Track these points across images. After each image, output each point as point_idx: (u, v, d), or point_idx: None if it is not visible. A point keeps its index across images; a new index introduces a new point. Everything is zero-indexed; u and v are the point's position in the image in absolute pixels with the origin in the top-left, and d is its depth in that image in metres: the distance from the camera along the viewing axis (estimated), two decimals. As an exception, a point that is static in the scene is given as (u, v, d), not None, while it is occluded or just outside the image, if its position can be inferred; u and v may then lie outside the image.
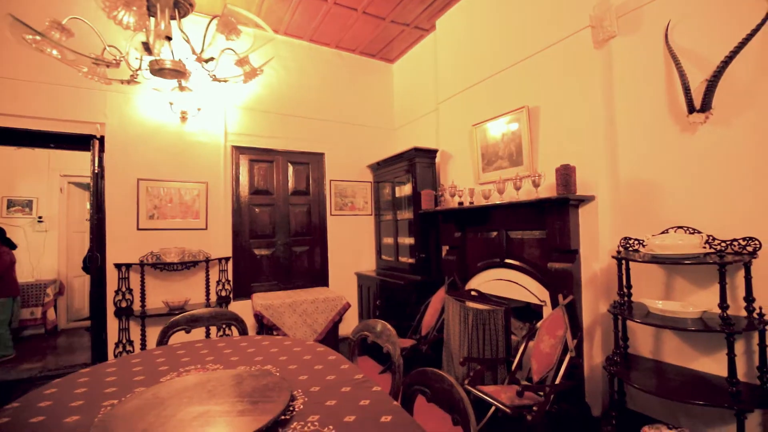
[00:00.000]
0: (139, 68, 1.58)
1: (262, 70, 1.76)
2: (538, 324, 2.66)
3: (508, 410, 2.14)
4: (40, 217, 5.62)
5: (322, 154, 4.86)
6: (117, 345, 3.62)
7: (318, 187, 4.84)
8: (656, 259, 2.10)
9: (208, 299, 3.98)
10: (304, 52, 4.79)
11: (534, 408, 2.14)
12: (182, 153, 3.95)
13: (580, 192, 2.70)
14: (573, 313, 2.58)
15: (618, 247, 2.50)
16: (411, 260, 4.25)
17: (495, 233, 3.40)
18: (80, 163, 5.59)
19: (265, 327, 3.73)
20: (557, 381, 2.29)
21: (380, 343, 1.77)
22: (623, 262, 2.34)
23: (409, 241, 4.33)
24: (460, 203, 3.63)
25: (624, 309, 2.26)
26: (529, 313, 3.33)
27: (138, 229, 3.72)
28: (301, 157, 4.74)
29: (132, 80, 1.66)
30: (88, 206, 6.40)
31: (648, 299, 2.28)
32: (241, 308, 4.11)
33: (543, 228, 2.92)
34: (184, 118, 3.91)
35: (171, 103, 3.78)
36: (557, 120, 2.96)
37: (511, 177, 3.19)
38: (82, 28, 1.88)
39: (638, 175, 2.55)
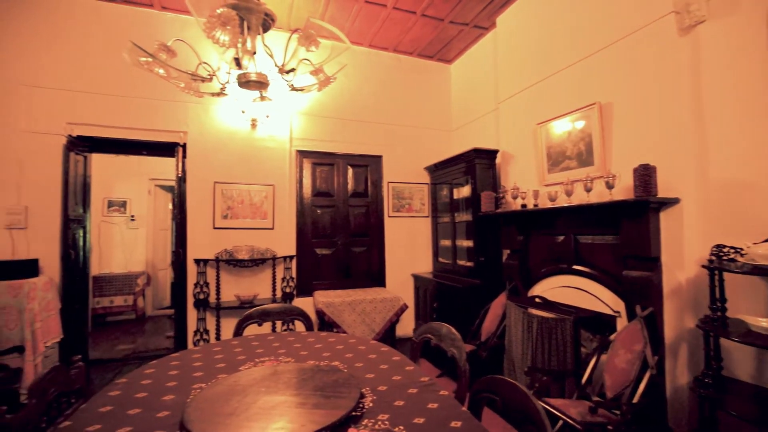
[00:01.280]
0: (227, 81, 1.74)
1: (335, 78, 1.84)
2: (612, 336, 2.48)
3: (578, 426, 2.02)
4: (132, 216, 6.34)
5: (380, 157, 4.95)
6: (195, 333, 3.97)
7: (376, 189, 4.93)
8: (760, 271, 1.85)
9: (274, 295, 4.22)
10: (364, 58, 4.90)
11: (609, 427, 2.00)
12: (252, 157, 4.24)
13: (661, 194, 2.47)
14: (653, 326, 2.37)
15: (709, 255, 2.25)
16: (469, 263, 4.17)
17: (562, 237, 3.23)
18: (163, 167, 6.22)
19: (326, 323, 3.88)
20: (635, 400, 2.11)
21: (444, 346, 1.76)
22: (716, 272, 2.10)
23: (467, 243, 4.25)
24: (524, 205, 3.49)
25: (717, 325, 2.03)
26: (600, 324, 3.10)
27: (214, 228, 4.07)
28: (360, 160, 4.86)
29: (221, 93, 1.83)
30: (170, 206, 7.11)
31: (748, 316, 2.03)
32: (303, 305, 4.27)
33: (617, 233, 2.72)
34: (254, 125, 4.20)
35: (243, 112, 4.07)
36: (634, 116, 2.74)
37: (580, 178, 3.01)
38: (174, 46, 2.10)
39: (734, 175, 2.27)
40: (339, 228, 4.71)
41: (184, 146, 4.04)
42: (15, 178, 3.49)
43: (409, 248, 4.98)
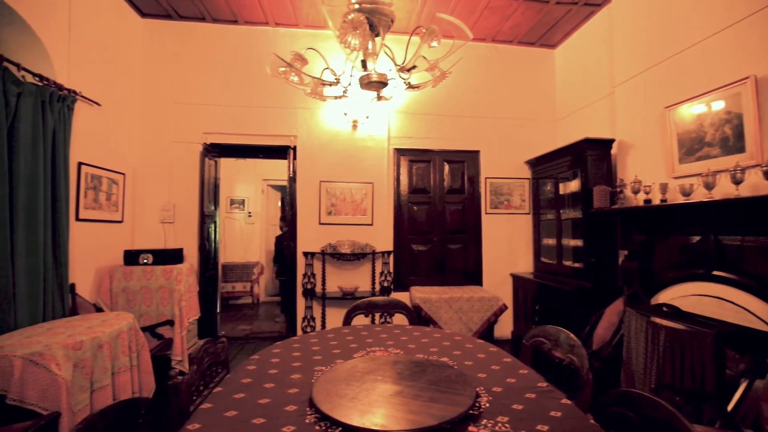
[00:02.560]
0: (350, 84, 1.88)
1: (450, 73, 1.86)
2: (772, 358, 2.06)
3: (726, 459, 1.73)
4: (249, 213, 7.20)
5: (477, 152, 4.82)
6: (303, 320, 4.36)
7: (473, 185, 4.81)
8: None
9: (373, 288, 4.41)
10: (460, 51, 4.79)
11: (770, 465, 1.67)
12: (353, 157, 4.48)
13: None
14: (835, 350, 1.90)
15: None
16: (577, 264, 3.83)
17: (697, 238, 2.77)
18: (273, 168, 6.92)
19: (422, 318, 3.92)
20: (808, 438, 1.73)
21: (559, 353, 1.65)
22: None
23: (575, 242, 3.91)
24: (647, 201, 3.08)
25: None
26: (752, 342, 2.60)
27: (319, 223, 4.41)
28: (457, 156, 4.80)
29: (343, 95, 1.98)
30: (279, 204, 7.88)
31: None
32: (400, 299, 4.43)
33: (780, 233, 2.24)
34: (354, 126, 4.43)
35: (345, 114, 4.32)
36: (807, 90, 2.22)
37: (726, 167, 2.54)
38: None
39: None
40: (435, 224, 4.72)
41: (294, 149, 4.44)
42: (167, 180, 4.21)
43: (507, 246, 4.77)
